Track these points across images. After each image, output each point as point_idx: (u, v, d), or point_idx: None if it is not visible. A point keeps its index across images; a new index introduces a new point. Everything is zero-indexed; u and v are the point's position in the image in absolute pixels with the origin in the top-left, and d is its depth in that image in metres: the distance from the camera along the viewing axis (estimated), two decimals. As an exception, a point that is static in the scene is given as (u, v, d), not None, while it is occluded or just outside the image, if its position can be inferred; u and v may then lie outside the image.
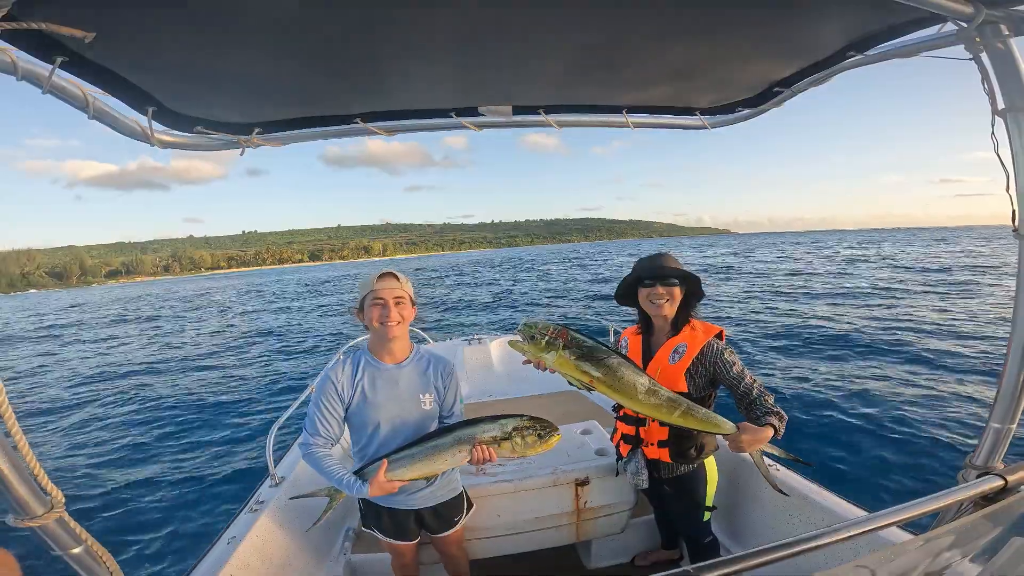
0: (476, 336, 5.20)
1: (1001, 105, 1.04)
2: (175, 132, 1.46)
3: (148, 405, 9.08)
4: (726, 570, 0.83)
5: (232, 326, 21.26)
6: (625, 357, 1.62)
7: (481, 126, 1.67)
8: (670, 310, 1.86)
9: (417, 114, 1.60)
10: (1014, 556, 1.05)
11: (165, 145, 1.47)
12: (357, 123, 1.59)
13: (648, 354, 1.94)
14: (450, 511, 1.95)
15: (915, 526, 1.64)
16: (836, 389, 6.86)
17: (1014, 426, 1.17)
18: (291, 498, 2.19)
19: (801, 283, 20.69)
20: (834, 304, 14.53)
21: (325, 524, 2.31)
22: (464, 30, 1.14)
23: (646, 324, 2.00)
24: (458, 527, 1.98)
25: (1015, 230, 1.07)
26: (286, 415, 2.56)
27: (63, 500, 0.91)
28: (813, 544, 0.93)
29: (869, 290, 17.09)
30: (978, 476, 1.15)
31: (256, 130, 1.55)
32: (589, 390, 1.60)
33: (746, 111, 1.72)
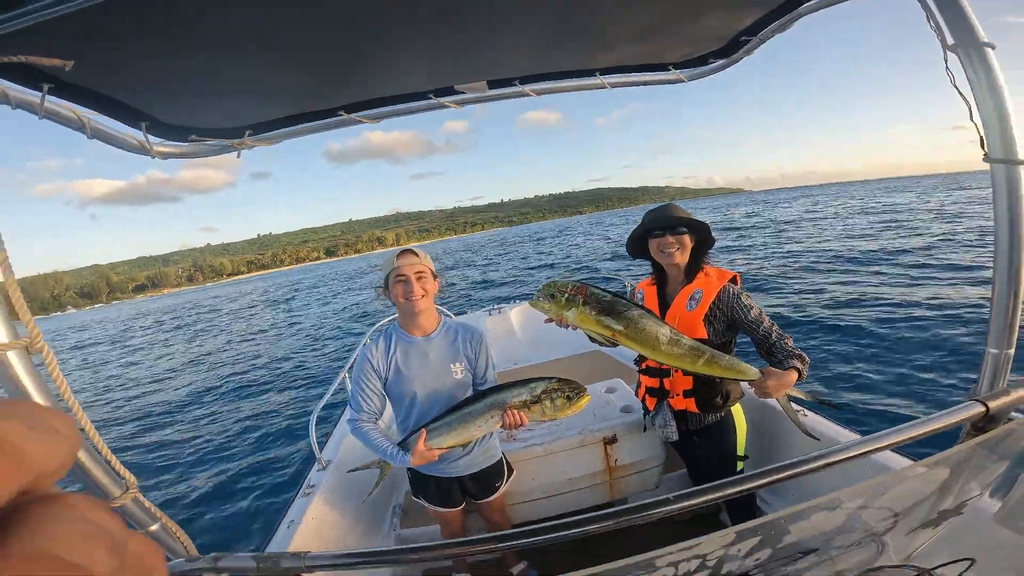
0: (496, 307, 5.27)
1: (951, 40, 1.04)
2: (171, 143, 1.53)
3: (200, 402, 9.73)
4: (705, 497, 0.92)
5: (267, 322, 21.91)
6: (646, 308, 1.64)
7: (461, 103, 1.70)
8: (682, 258, 1.88)
9: (397, 99, 1.64)
10: None
11: (165, 156, 1.54)
12: (341, 115, 1.63)
13: (664, 304, 1.96)
14: (491, 477, 2.05)
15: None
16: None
17: (1012, 351, 1.17)
18: (348, 471, 2.33)
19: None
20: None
21: (374, 502, 2.44)
22: (433, 11, 1.15)
23: (660, 275, 2.01)
24: (499, 492, 2.08)
25: (985, 156, 1.10)
26: (323, 401, 2.68)
27: (136, 482, 1.02)
28: (799, 470, 0.97)
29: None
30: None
31: (248, 132, 1.61)
32: (613, 345, 1.61)
33: (719, 62, 1.71)
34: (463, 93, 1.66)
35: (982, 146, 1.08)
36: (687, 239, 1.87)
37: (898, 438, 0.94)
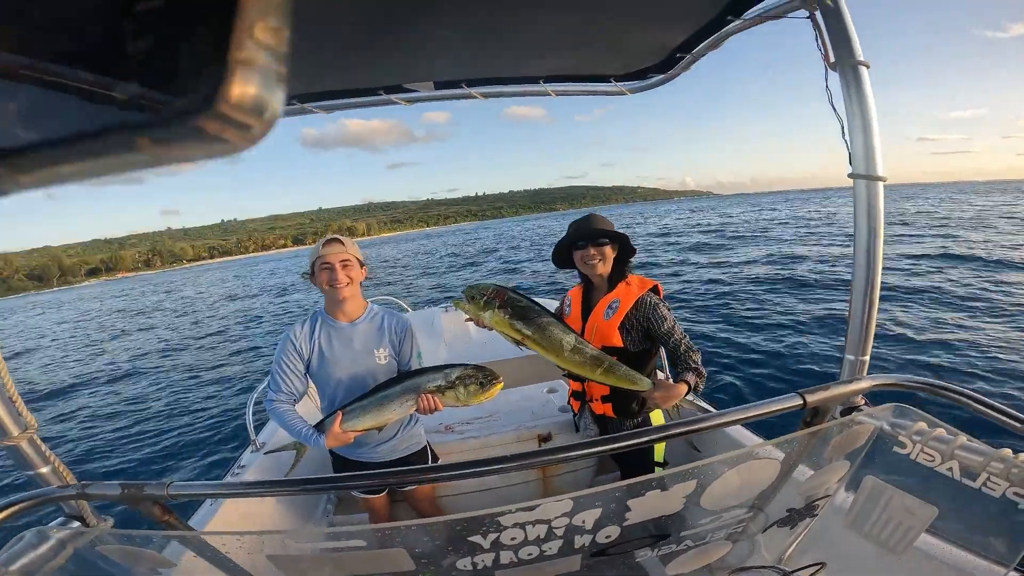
0: (451, 304, 5.32)
1: (832, 59, 1.13)
2: None
3: (142, 385, 9.67)
4: (563, 455, 0.99)
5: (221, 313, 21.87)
6: (557, 317, 1.73)
7: (410, 101, 1.81)
8: (604, 269, 1.93)
9: (347, 93, 1.74)
10: (869, 496, 1.16)
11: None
12: (295, 104, 1.73)
13: (588, 311, 2.02)
14: (413, 465, 2.04)
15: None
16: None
17: (867, 357, 1.26)
18: (264, 453, 2.35)
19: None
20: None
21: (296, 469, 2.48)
22: (378, 8, 1.23)
23: (586, 284, 2.08)
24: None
25: (850, 172, 1.19)
26: (264, 385, 2.67)
27: (36, 425, 1.09)
28: (647, 438, 1.05)
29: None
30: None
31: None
32: (520, 346, 1.71)
33: (658, 77, 1.81)
34: (411, 91, 1.76)
35: (850, 162, 1.18)
36: (608, 250, 1.93)
37: (739, 416, 1.02)
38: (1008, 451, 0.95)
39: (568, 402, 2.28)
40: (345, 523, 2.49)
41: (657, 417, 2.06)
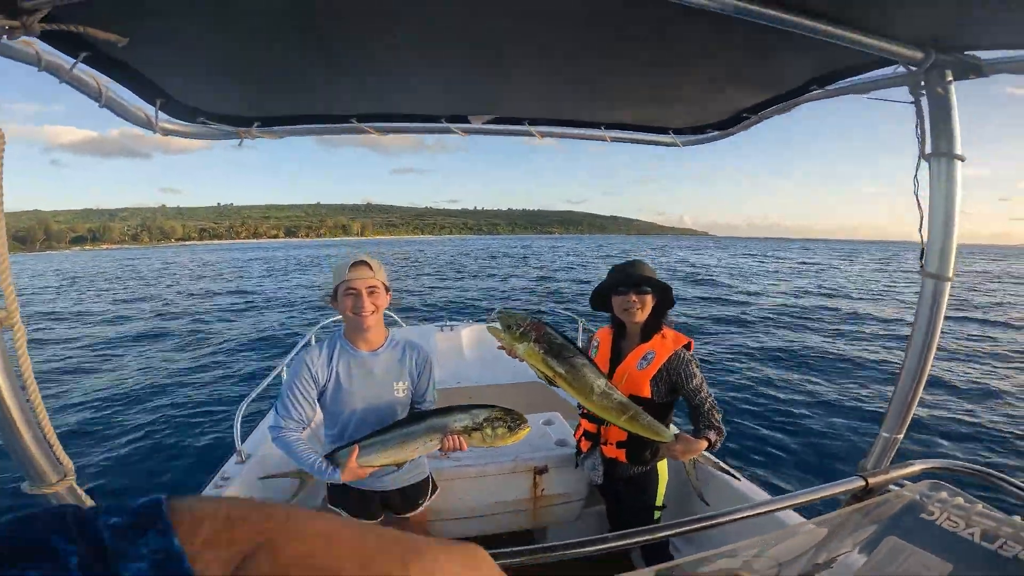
0: (448, 323, 5.26)
1: (929, 150, 1.13)
2: (178, 121, 1.54)
3: (120, 376, 8.97)
4: (630, 540, 0.99)
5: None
6: (590, 360, 1.72)
7: (468, 132, 1.78)
8: (642, 316, 1.94)
9: (409, 118, 1.70)
10: (888, 554, 1.24)
11: (167, 132, 1.54)
12: (352, 123, 1.68)
13: (617, 358, 2.01)
14: (415, 493, 2.00)
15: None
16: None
17: (901, 436, 1.33)
18: (260, 478, 2.19)
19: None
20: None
21: (296, 500, 2.36)
22: (456, 40, 1.21)
23: (618, 329, 2.07)
24: (421, 509, 2.03)
25: (921, 267, 1.20)
26: (256, 391, 2.55)
27: (73, 468, 0.97)
28: (712, 523, 1.08)
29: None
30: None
31: (256, 123, 1.63)
32: (550, 383, 1.70)
33: (715, 133, 1.83)
34: (472, 123, 1.73)
35: (920, 257, 1.20)
36: (649, 299, 1.94)
37: (793, 502, 1.08)
38: (1018, 518, 1.10)
39: (576, 440, 2.28)
40: None
41: (663, 465, 2.11)
